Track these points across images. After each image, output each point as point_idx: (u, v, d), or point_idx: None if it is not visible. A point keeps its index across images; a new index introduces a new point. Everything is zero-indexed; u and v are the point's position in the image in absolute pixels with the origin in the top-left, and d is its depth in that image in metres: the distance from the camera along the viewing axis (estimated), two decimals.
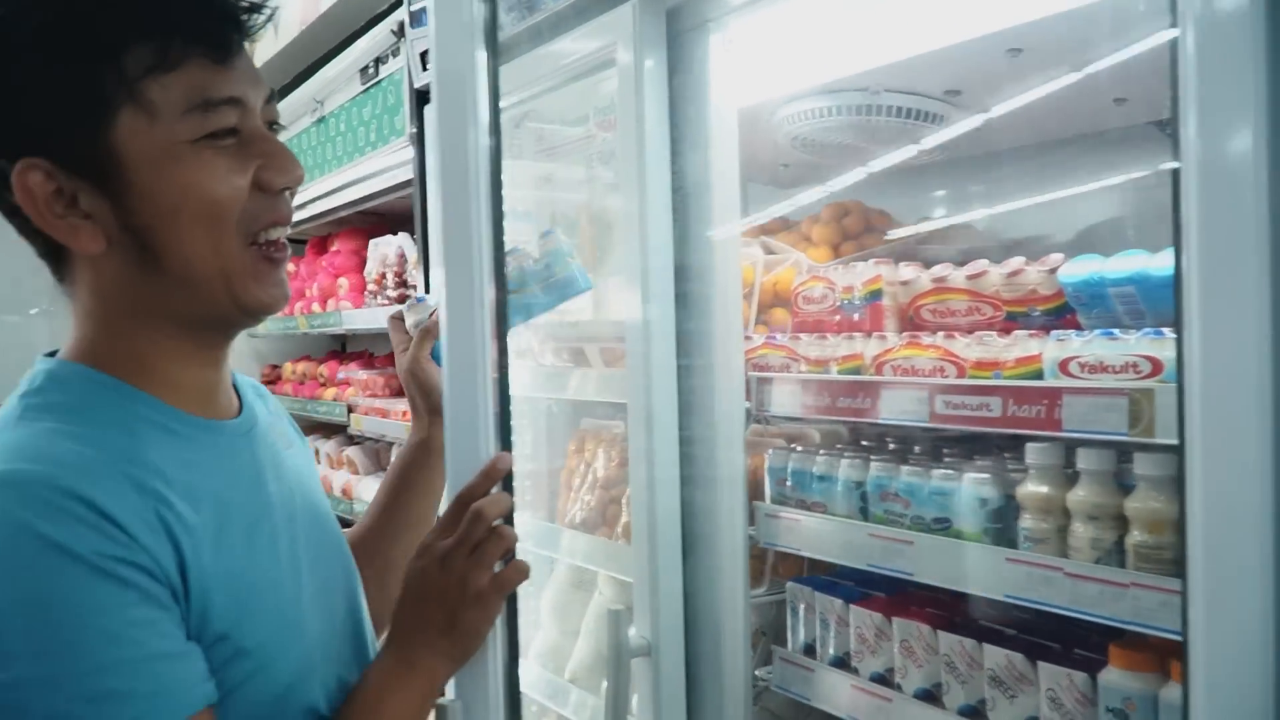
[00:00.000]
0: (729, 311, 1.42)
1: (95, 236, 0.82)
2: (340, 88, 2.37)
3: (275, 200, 0.86)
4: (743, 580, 1.41)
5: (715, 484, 1.41)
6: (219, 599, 0.79)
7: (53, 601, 0.71)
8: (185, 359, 0.88)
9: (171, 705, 0.74)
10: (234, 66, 0.83)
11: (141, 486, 0.77)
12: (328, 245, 3.27)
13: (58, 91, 0.78)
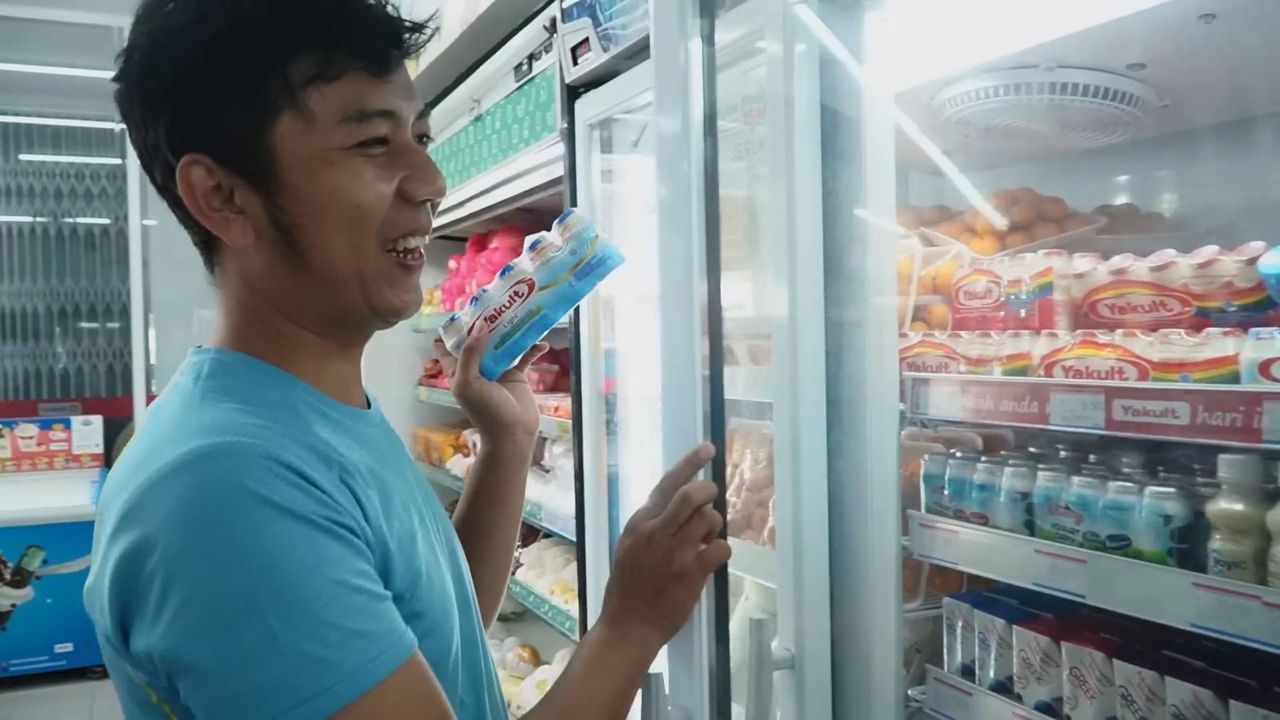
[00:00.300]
0: (882, 307, 1.34)
1: (246, 230, 0.88)
2: (495, 86, 2.40)
3: (416, 210, 0.91)
4: (894, 593, 1.33)
5: (866, 490, 1.32)
6: (396, 562, 0.85)
7: (282, 556, 0.75)
8: (326, 352, 0.94)
9: (406, 641, 0.80)
10: (390, 81, 0.88)
11: (326, 459, 0.83)
12: (487, 242, 3.33)
13: (228, 94, 0.84)
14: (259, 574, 0.74)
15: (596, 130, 1.94)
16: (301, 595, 0.75)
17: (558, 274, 1.20)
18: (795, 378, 1.34)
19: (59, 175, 6.90)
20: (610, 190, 1.97)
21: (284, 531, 0.75)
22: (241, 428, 0.80)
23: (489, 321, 1.23)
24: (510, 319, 1.21)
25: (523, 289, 1.22)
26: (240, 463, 0.76)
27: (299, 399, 0.89)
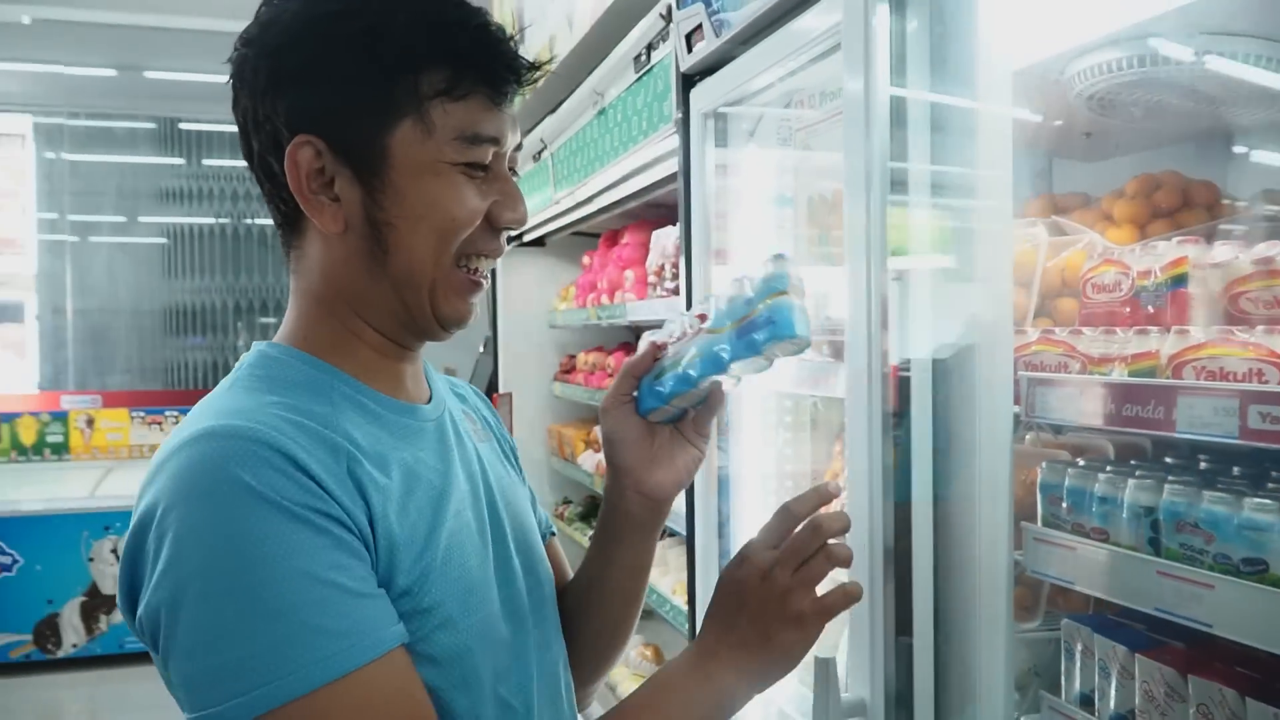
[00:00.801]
0: (995, 301, 1.23)
1: (337, 218, 0.90)
2: (617, 78, 2.37)
3: (495, 235, 0.94)
4: (1004, 612, 1.22)
5: (974, 499, 1.23)
6: (404, 556, 0.84)
7: (251, 541, 0.75)
8: (381, 349, 0.95)
9: (366, 642, 0.77)
10: (503, 111, 0.92)
11: (336, 448, 0.83)
12: (618, 238, 3.32)
13: (359, 89, 0.88)
14: (227, 558, 0.74)
15: (711, 120, 1.88)
16: (264, 585, 0.74)
17: (723, 321, 0.97)
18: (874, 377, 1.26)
19: (239, 179, 7.33)
20: (725, 184, 1.91)
21: (259, 518, 0.75)
22: (251, 412, 0.82)
23: (658, 347, 1.03)
24: (672, 354, 1.01)
25: (697, 322, 1.01)
26: (232, 445, 0.77)
27: (336, 389, 0.91)
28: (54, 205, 6.91)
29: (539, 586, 1.03)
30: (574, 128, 2.75)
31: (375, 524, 0.83)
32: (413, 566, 0.85)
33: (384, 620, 0.80)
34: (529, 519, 1.08)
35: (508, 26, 0.92)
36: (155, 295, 7.06)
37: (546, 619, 1.03)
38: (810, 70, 1.60)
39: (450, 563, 0.88)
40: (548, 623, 1.04)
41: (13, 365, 7.28)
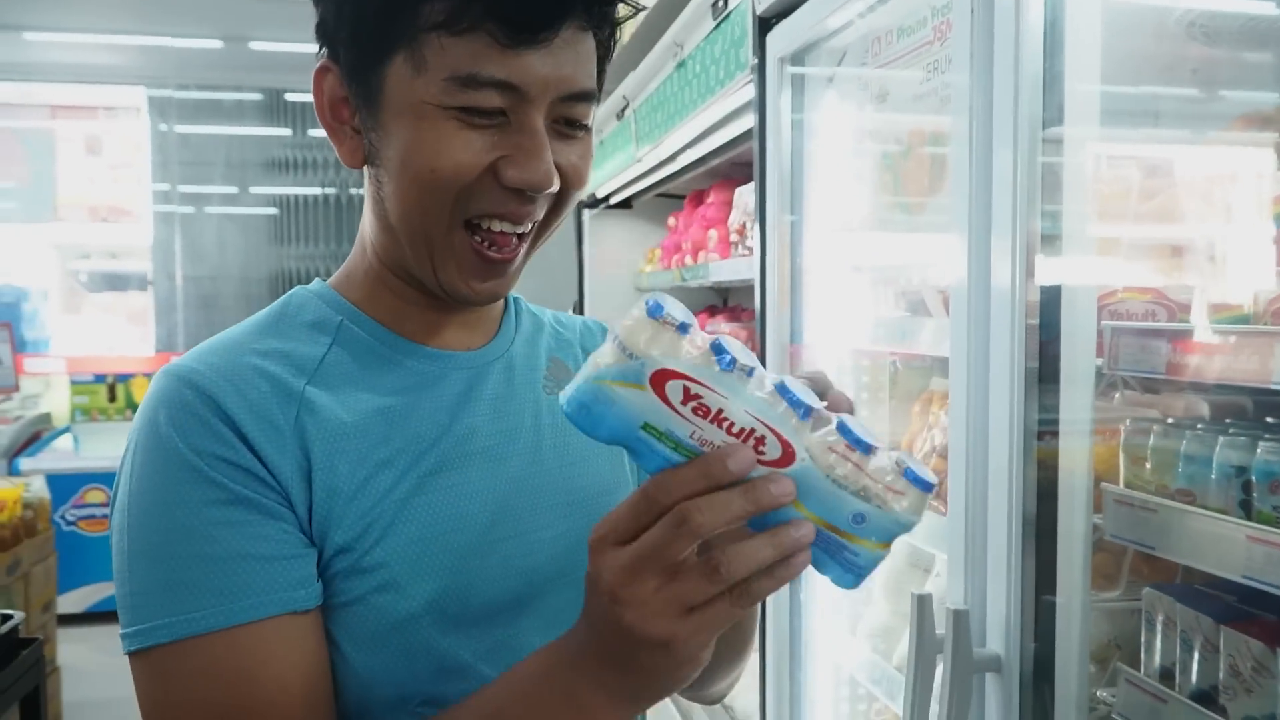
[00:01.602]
0: (1078, 241, 1.14)
1: (356, 152, 0.84)
2: (696, 27, 2.30)
3: (504, 194, 0.79)
4: (1081, 579, 1.14)
5: (1051, 458, 1.15)
6: (346, 508, 0.79)
7: (146, 485, 0.76)
8: (406, 295, 0.88)
9: (242, 605, 0.74)
10: (523, 53, 0.76)
11: (289, 396, 0.79)
12: (703, 198, 3.26)
13: (363, 13, 0.79)
14: (135, 497, 0.76)
15: (788, 66, 1.81)
16: (145, 525, 0.75)
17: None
18: (973, 328, 1.18)
19: None
20: (802, 133, 1.84)
21: (161, 464, 0.76)
22: (220, 350, 0.81)
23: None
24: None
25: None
26: (168, 386, 0.78)
27: (344, 329, 0.86)
28: (166, 176, 7.16)
29: (567, 555, 0.89)
30: (654, 82, 2.70)
31: (314, 475, 0.78)
32: (356, 520, 0.79)
33: (274, 584, 0.75)
34: (599, 481, 0.94)
35: None
36: (263, 263, 7.27)
37: (572, 590, 0.86)
38: (888, 6, 1.52)
39: (407, 521, 0.81)
40: (572, 593, 0.89)
41: (137, 331, 7.62)
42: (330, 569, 0.79)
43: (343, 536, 0.78)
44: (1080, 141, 1.14)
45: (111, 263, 8.45)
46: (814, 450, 0.62)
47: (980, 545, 1.18)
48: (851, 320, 1.77)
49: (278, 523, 0.76)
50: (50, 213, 8.17)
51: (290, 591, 0.76)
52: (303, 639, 0.76)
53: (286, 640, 0.75)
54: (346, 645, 0.80)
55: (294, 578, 0.76)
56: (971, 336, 1.19)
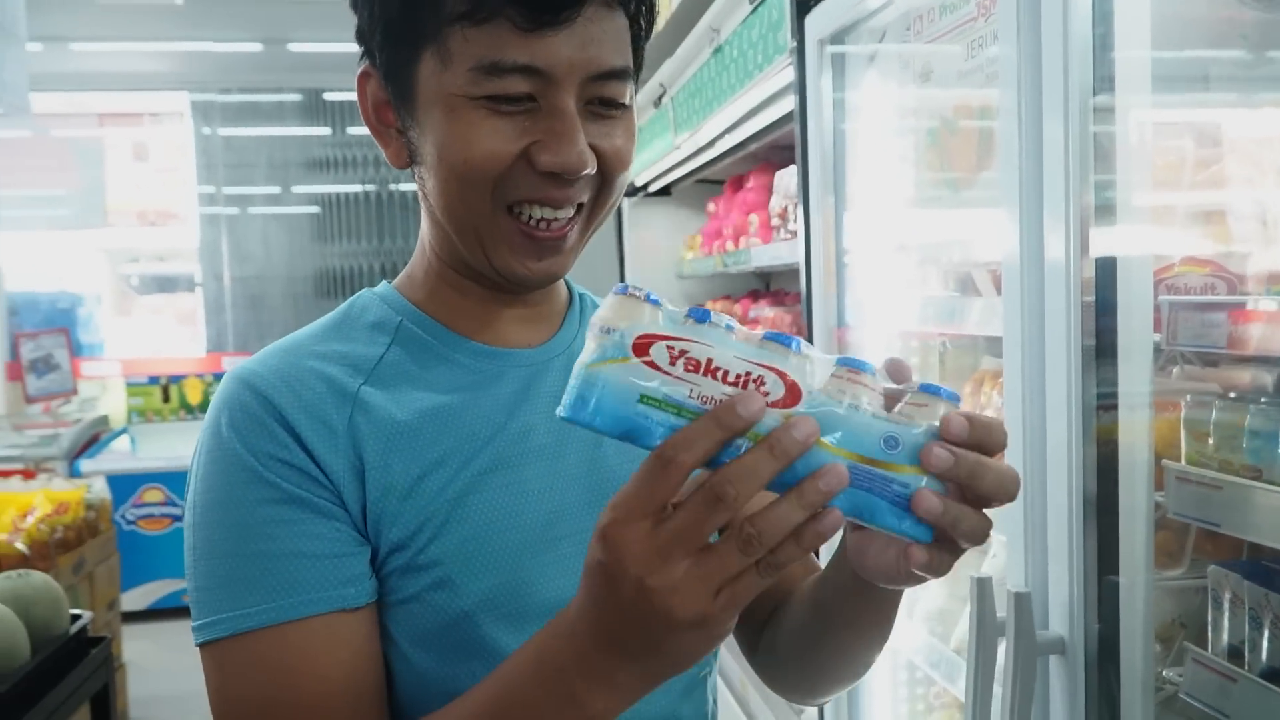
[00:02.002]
0: (1132, 213, 1.12)
1: (401, 152, 0.84)
2: (732, 11, 2.29)
3: (540, 179, 0.79)
4: (1144, 558, 1.13)
5: (1112, 435, 1.13)
6: (403, 509, 0.80)
7: (209, 485, 0.79)
8: (466, 290, 0.88)
9: (292, 601, 0.75)
10: (545, 36, 0.75)
11: (344, 396, 0.81)
12: (743, 183, 3.24)
13: (394, 15, 0.79)
14: (200, 495, 0.79)
15: (827, 47, 1.79)
16: (208, 521, 0.78)
17: (859, 442, 0.59)
18: (1026, 305, 1.17)
19: None
20: (844, 115, 1.82)
21: (222, 465, 0.78)
22: (283, 352, 0.84)
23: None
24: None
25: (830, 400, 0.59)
26: (232, 388, 0.81)
27: (403, 329, 0.87)
28: (210, 178, 7.26)
29: None
30: (691, 69, 2.69)
31: (367, 474, 0.79)
32: (411, 518, 0.80)
33: (325, 581, 0.76)
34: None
35: None
36: (307, 261, 7.35)
37: None
38: None
39: (461, 519, 0.81)
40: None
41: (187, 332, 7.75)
42: (386, 567, 0.80)
43: (397, 534, 0.79)
44: (1131, 110, 1.12)
45: (160, 265, 8.60)
46: (818, 381, 0.59)
47: (1040, 526, 1.17)
48: (899, 301, 1.75)
49: (330, 521, 0.78)
50: (101, 218, 8.32)
51: (340, 589, 0.77)
52: (351, 636, 0.78)
53: (333, 637, 0.77)
54: (403, 642, 0.81)
55: (344, 575, 0.77)
56: (1026, 314, 1.17)
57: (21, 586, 2.00)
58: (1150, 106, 1.15)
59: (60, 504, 3.77)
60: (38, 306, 7.10)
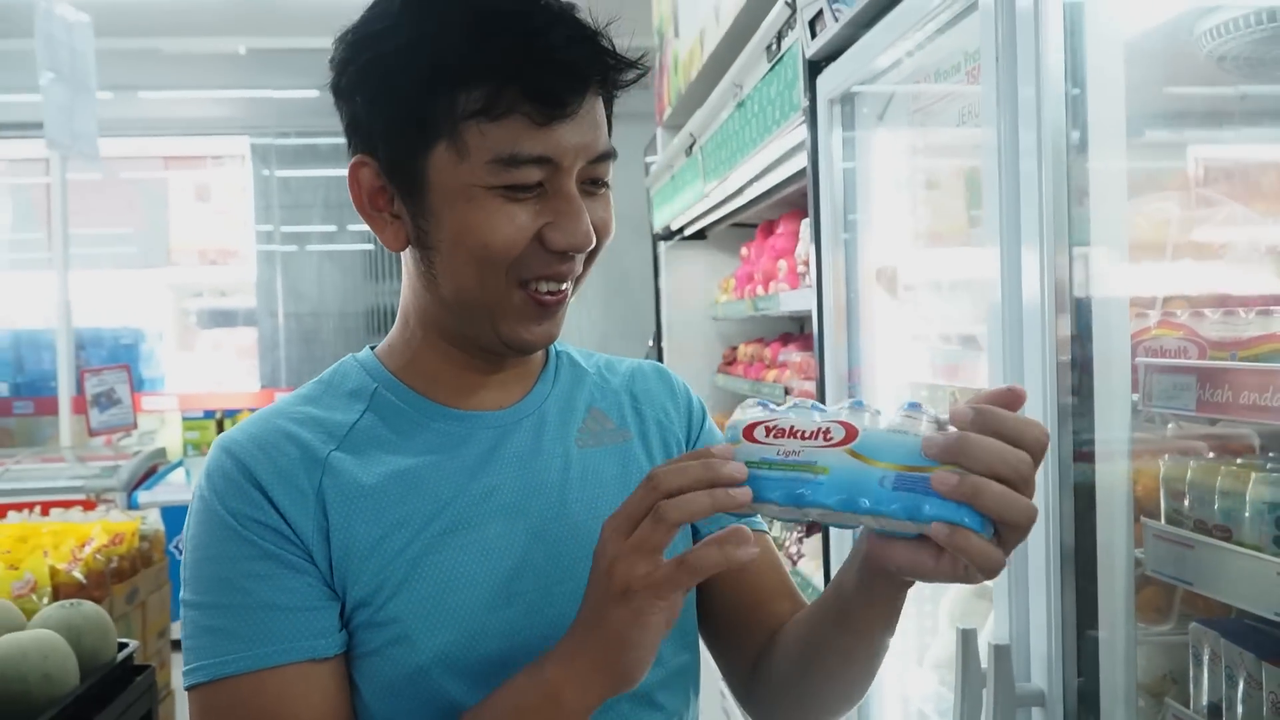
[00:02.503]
0: (1109, 282, 1.16)
1: (399, 236, 0.89)
2: (752, 68, 2.36)
3: (554, 258, 0.86)
4: (1124, 612, 1.15)
5: (1090, 492, 1.16)
6: (362, 565, 0.85)
7: (197, 543, 0.85)
8: (450, 359, 0.94)
9: (269, 651, 0.82)
10: (555, 128, 0.82)
11: (314, 462, 0.87)
12: (774, 228, 3.30)
13: (399, 108, 0.84)
14: (188, 553, 0.86)
15: (837, 106, 1.85)
16: (198, 580, 0.85)
17: (879, 452, 0.73)
18: (1006, 365, 1.21)
19: None
20: (855, 169, 1.88)
21: (206, 524, 0.85)
22: (263, 419, 0.90)
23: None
24: (785, 451, 0.75)
25: (837, 429, 0.75)
26: (216, 456, 0.88)
27: (379, 395, 0.93)
28: (268, 218, 7.50)
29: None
30: (718, 121, 2.76)
31: (331, 535, 0.85)
32: (371, 577, 0.85)
33: (299, 633, 0.82)
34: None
35: (644, 25, 0.82)
36: (359, 298, 7.54)
37: None
38: (934, 45, 1.55)
39: (420, 578, 0.85)
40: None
41: (245, 366, 7.97)
42: (352, 621, 0.85)
43: (359, 592, 0.85)
44: (1106, 150, 1.16)
45: (221, 300, 8.87)
46: (866, 420, 0.74)
47: (1022, 578, 1.20)
48: (906, 353, 1.79)
49: (302, 576, 0.84)
50: (164, 256, 8.62)
51: (311, 640, 0.83)
52: (323, 684, 0.83)
53: (306, 684, 0.82)
54: (367, 693, 0.86)
55: (315, 628, 0.83)
56: (1007, 368, 1.21)
57: (73, 615, 2.09)
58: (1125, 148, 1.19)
59: (116, 535, 3.91)
60: (103, 342, 7.36)
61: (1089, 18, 1.14)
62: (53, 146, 4.43)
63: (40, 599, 2.27)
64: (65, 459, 5.60)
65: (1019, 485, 0.69)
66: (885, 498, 0.71)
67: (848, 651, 0.88)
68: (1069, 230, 1.14)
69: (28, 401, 6.81)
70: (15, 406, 6.81)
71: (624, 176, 4.65)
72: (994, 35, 1.20)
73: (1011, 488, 0.69)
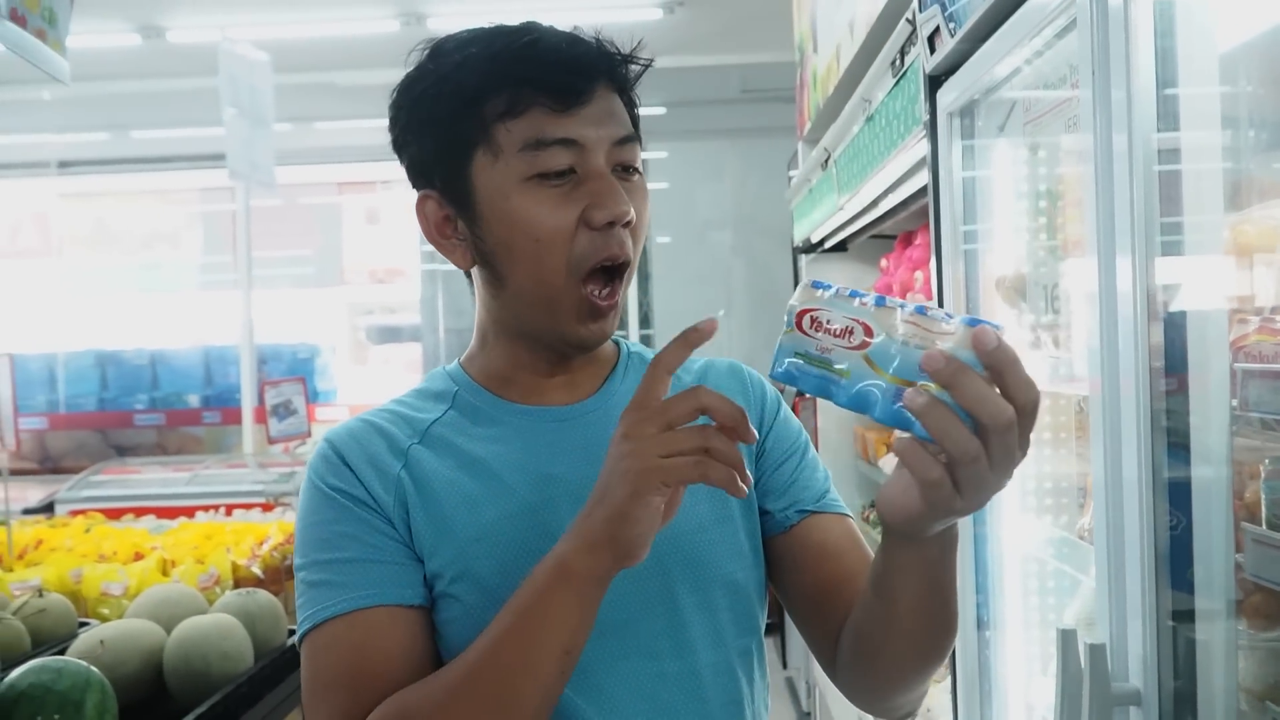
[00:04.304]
0: (1207, 285, 1.17)
1: (466, 255, 1.00)
2: (879, 82, 2.40)
3: (604, 236, 0.93)
4: (1224, 616, 1.16)
5: (1187, 495, 1.17)
6: (437, 548, 0.96)
7: (303, 515, 1.00)
8: (520, 364, 1.04)
9: (361, 595, 0.93)
10: (575, 114, 0.93)
11: (399, 449, 1.00)
12: (912, 239, 3.30)
13: (441, 133, 0.97)
14: (297, 525, 1.00)
15: (956, 119, 1.88)
16: (303, 542, 0.99)
17: (895, 354, 0.77)
18: (1104, 370, 1.23)
19: None
20: (976, 181, 1.90)
21: (308, 497, 0.99)
22: (366, 416, 1.04)
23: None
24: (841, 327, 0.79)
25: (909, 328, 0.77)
26: (321, 446, 1.02)
27: (459, 397, 1.05)
28: None
29: (667, 591, 0.98)
30: (849, 135, 2.80)
31: (411, 514, 0.97)
32: (441, 557, 0.96)
33: (384, 581, 0.94)
34: (696, 519, 1.01)
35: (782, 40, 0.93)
36: None
37: (661, 631, 0.97)
38: (1041, 60, 1.57)
39: (485, 555, 0.95)
40: (662, 635, 0.97)
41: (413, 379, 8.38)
42: (432, 592, 0.97)
43: (432, 566, 0.96)
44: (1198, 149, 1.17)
45: (390, 318, 9.37)
46: (887, 326, 0.77)
47: (1120, 579, 1.21)
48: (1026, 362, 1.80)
49: (385, 538, 0.96)
50: (337, 276, 9.17)
51: (396, 589, 0.94)
52: (409, 628, 0.94)
53: (393, 625, 0.93)
54: (446, 657, 0.96)
55: (400, 579, 0.95)
56: (1105, 377, 1.23)
57: (249, 603, 2.31)
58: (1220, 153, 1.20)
59: (290, 534, 4.23)
60: (282, 357, 7.90)
61: (1180, 23, 1.16)
62: (234, 177, 4.83)
63: (222, 590, 2.51)
64: (248, 465, 6.04)
65: (992, 432, 0.72)
66: (887, 411, 0.76)
67: (890, 621, 0.91)
68: (1159, 235, 1.16)
69: (215, 412, 7.39)
70: (204, 416, 7.41)
71: (768, 191, 4.79)
72: (1090, 42, 1.23)
73: (984, 434, 0.72)
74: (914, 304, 0.77)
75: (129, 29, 5.50)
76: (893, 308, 0.77)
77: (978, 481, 0.74)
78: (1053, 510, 1.85)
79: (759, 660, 1.06)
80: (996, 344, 0.73)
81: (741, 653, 1.03)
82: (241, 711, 2.10)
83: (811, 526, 1.07)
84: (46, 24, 1.75)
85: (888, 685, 0.99)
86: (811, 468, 1.11)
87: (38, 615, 2.10)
